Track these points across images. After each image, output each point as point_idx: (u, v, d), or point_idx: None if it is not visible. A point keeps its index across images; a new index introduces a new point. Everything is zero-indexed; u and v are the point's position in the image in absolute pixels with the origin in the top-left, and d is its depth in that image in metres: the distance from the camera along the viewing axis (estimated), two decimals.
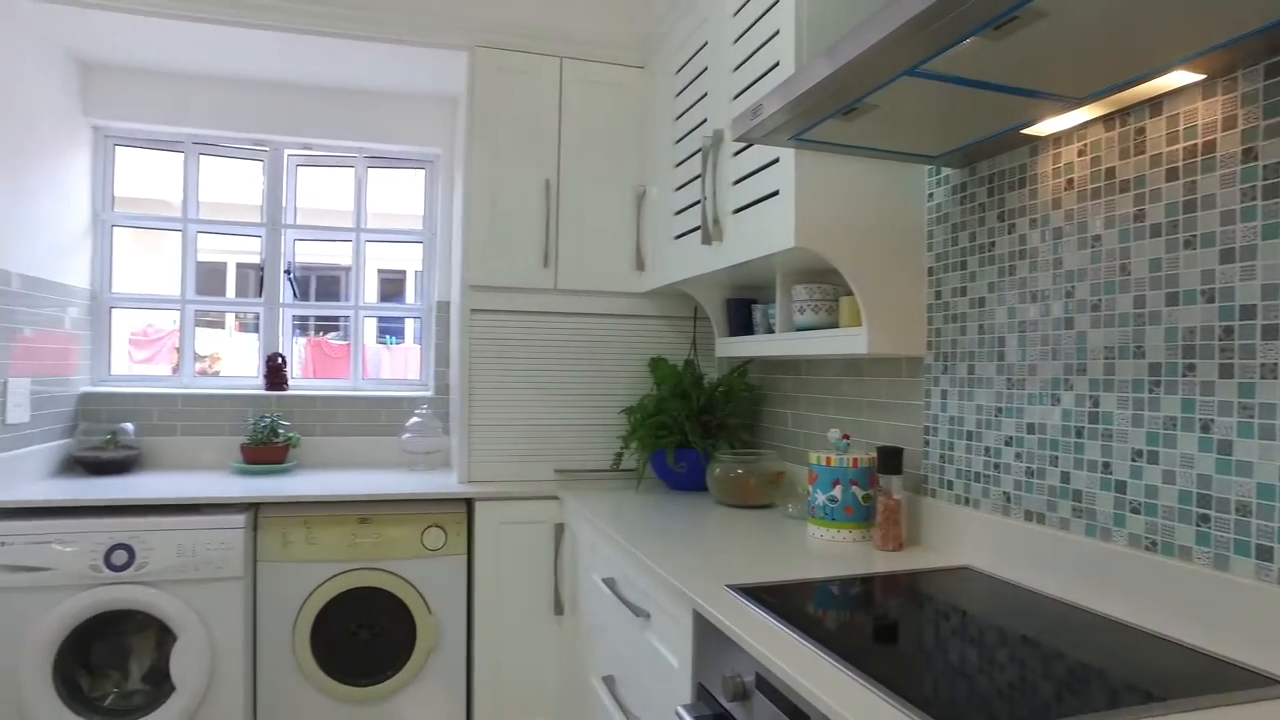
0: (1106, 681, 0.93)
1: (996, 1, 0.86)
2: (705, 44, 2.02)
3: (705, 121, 2.01)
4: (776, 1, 1.63)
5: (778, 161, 1.63)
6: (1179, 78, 1.09)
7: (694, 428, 2.24)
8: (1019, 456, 1.43)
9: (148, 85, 2.70)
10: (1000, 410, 1.47)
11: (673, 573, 1.40)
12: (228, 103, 2.77)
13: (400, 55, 2.49)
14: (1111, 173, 1.25)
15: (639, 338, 2.50)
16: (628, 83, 2.47)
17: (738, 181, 1.81)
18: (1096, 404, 1.28)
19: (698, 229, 2.03)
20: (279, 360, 2.83)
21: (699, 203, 2.02)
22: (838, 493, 1.68)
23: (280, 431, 2.63)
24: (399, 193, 3.15)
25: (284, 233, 2.92)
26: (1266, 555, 1.02)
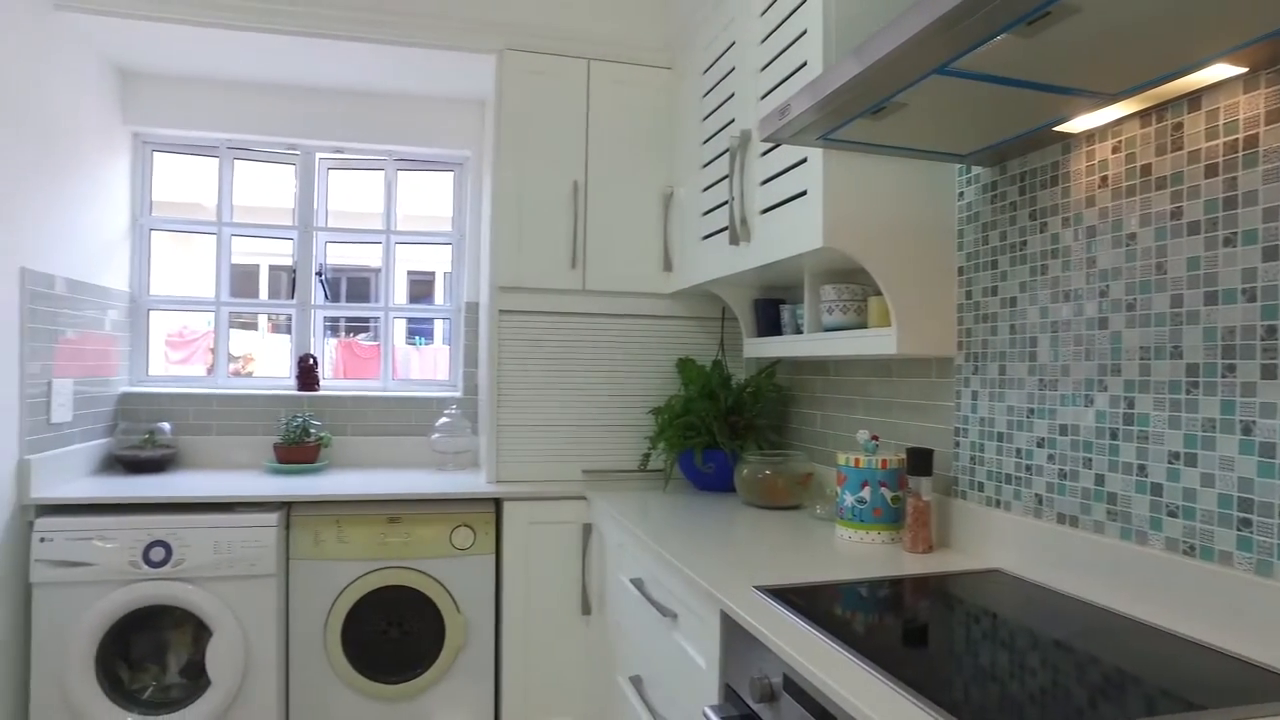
0: (1142, 688, 0.91)
1: None
2: (732, 44, 2.02)
3: (733, 122, 2.00)
4: (804, 1, 1.62)
5: (805, 161, 1.62)
6: (1219, 71, 1.06)
7: (722, 428, 2.24)
8: (1051, 458, 1.41)
9: (184, 92, 2.76)
10: (1032, 411, 1.45)
11: (700, 573, 1.40)
12: (261, 108, 2.82)
13: (430, 59, 2.52)
14: (1147, 169, 1.23)
15: (666, 338, 2.50)
16: (655, 83, 2.48)
17: (765, 182, 1.81)
18: (1132, 405, 1.25)
19: (725, 229, 2.02)
20: (311, 361, 2.87)
21: (726, 203, 2.02)
22: (866, 494, 1.67)
23: (312, 431, 2.67)
24: (428, 195, 3.18)
25: (315, 235, 2.96)
26: None
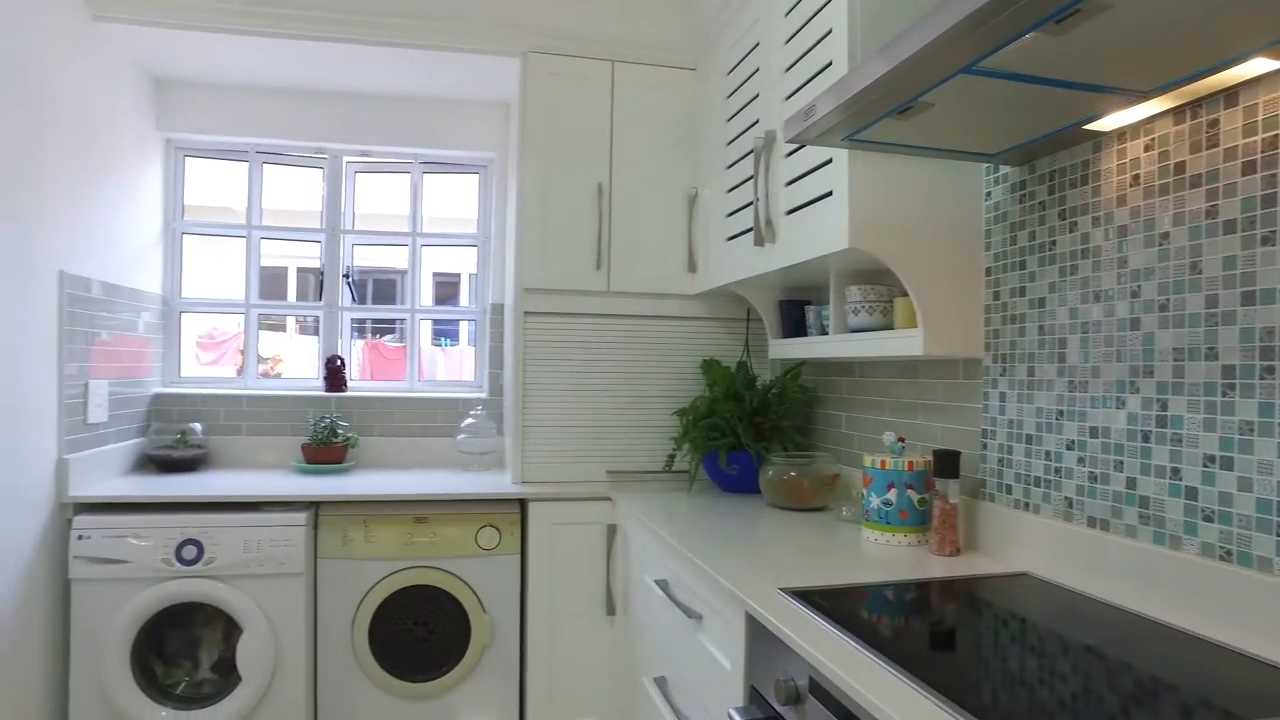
0: (1179, 696, 0.90)
1: None
2: (757, 45, 2.01)
3: (757, 123, 2.00)
4: (829, 1, 1.61)
5: (831, 162, 1.61)
6: (1257, 65, 1.04)
7: (746, 430, 2.23)
8: (1081, 461, 1.39)
9: (215, 99, 2.81)
10: (1061, 413, 1.43)
11: (725, 575, 1.40)
12: (290, 113, 2.86)
13: (455, 63, 2.54)
14: (1181, 167, 1.21)
15: (691, 339, 2.50)
16: (679, 85, 2.48)
17: (790, 182, 1.80)
18: (1165, 407, 1.23)
19: (750, 231, 2.02)
20: (338, 362, 2.91)
21: (751, 204, 2.01)
22: (892, 496, 1.66)
23: (339, 432, 2.70)
24: (454, 197, 3.21)
25: (343, 238, 3.00)
26: None
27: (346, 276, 3.01)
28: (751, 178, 2.00)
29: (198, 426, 2.69)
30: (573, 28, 2.41)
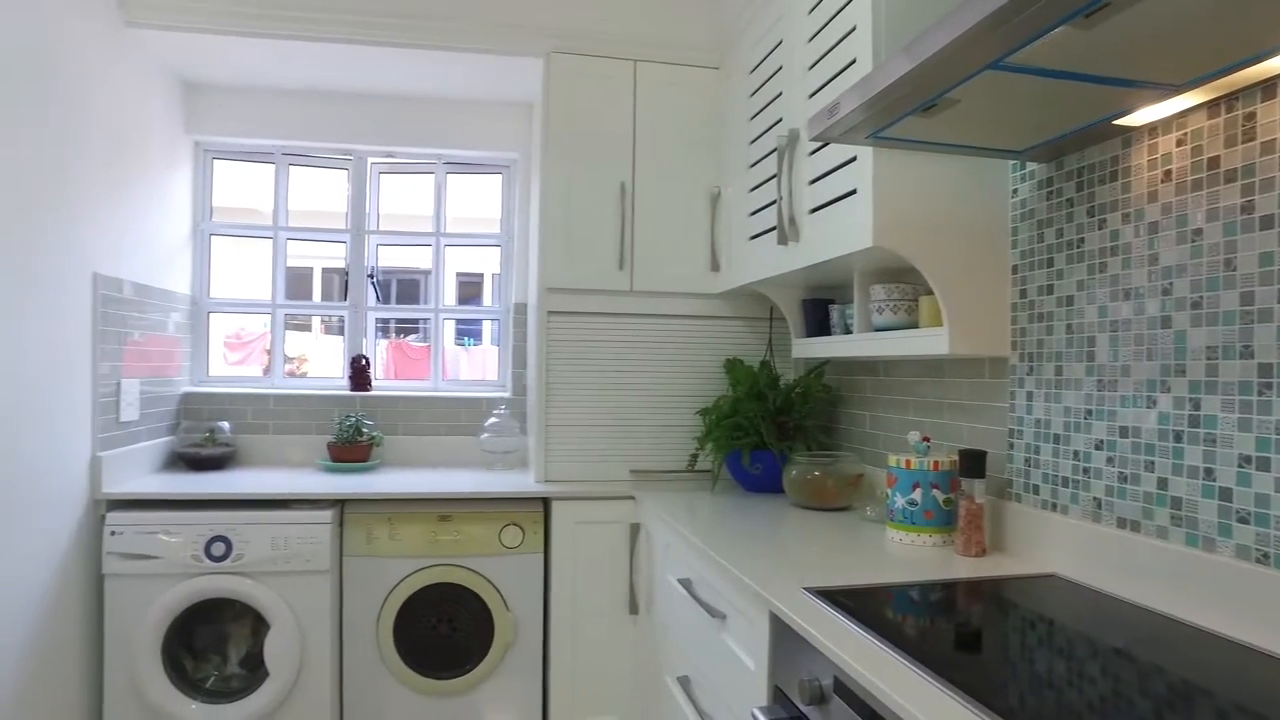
0: (1214, 701, 0.88)
1: None
2: (780, 42, 2.00)
3: (780, 121, 1.99)
4: None
5: (855, 160, 1.60)
6: None
7: (770, 429, 2.22)
8: (1110, 461, 1.37)
9: (242, 101, 2.85)
10: (1090, 413, 1.41)
11: (749, 574, 1.40)
12: (315, 115, 2.89)
13: (478, 64, 2.56)
14: (1215, 162, 1.19)
15: (714, 339, 2.50)
16: (702, 83, 2.48)
17: (814, 181, 1.79)
18: (1197, 407, 1.21)
19: (773, 229, 2.01)
20: (363, 362, 2.94)
21: (774, 203, 2.00)
22: (917, 496, 1.64)
23: (364, 431, 2.73)
24: (477, 197, 3.23)
25: (367, 238, 3.03)
26: None
27: (371, 276, 3.04)
28: (775, 176, 1.99)
29: (226, 425, 2.73)
30: (595, 28, 2.41)
